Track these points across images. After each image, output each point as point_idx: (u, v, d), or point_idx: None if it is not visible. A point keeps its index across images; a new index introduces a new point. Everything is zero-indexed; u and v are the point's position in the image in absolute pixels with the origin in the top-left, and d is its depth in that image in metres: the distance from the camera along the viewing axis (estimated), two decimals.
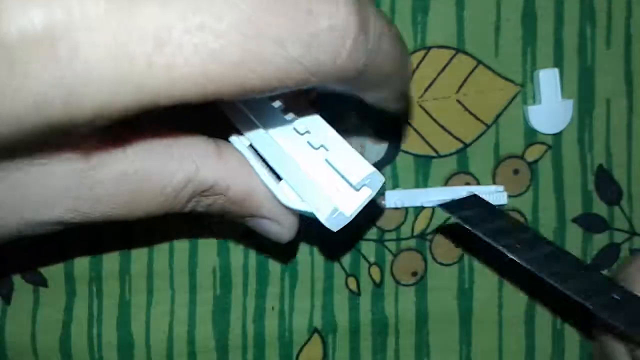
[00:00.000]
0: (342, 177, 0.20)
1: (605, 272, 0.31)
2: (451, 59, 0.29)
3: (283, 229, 0.22)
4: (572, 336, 0.31)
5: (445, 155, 0.30)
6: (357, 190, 0.21)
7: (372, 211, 0.30)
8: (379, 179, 0.21)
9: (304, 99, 0.22)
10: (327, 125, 0.21)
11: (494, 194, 0.30)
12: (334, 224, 0.21)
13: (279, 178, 0.22)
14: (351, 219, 0.21)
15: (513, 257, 0.21)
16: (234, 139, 0.22)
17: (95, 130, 0.16)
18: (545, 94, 0.29)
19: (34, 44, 0.13)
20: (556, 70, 0.29)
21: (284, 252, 0.30)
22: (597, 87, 0.30)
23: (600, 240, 0.31)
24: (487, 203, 0.23)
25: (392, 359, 0.30)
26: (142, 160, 0.19)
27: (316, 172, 0.21)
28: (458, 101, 0.30)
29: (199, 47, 0.14)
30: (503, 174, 0.30)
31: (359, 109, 0.29)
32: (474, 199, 0.24)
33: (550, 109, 0.29)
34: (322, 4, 0.15)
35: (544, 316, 0.31)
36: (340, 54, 0.15)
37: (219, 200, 0.21)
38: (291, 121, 0.21)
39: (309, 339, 0.30)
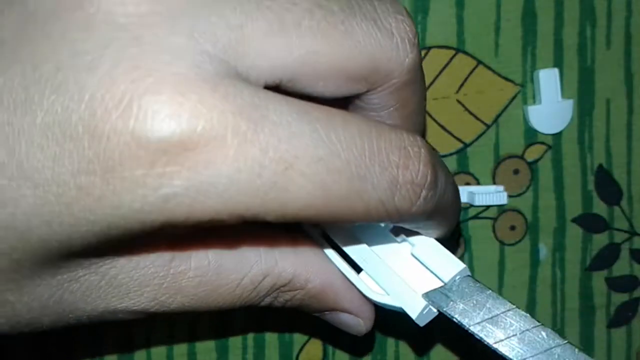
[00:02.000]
0: (432, 272, 0.20)
1: (605, 272, 0.31)
2: (451, 59, 0.29)
3: (362, 321, 0.23)
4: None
5: (445, 155, 0.30)
6: (451, 285, 0.20)
7: None
8: (468, 275, 0.21)
9: None
10: None
11: (494, 194, 0.30)
12: (423, 320, 0.21)
13: (356, 268, 0.21)
14: (437, 313, 0.21)
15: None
16: (307, 227, 0.22)
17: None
18: (545, 94, 0.29)
19: (176, 148, 0.14)
20: (556, 70, 0.29)
21: None
22: (597, 87, 0.30)
23: (600, 240, 0.31)
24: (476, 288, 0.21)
25: (392, 359, 0.30)
26: (222, 253, 0.20)
27: (402, 266, 0.21)
28: (458, 101, 0.30)
29: (315, 177, 0.15)
30: (503, 174, 0.30)
31: None
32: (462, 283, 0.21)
33: (550, 109, 0.29)
34: (408, 159, 0.17)
35: (545, 308, 0.31)
36: (415, 203, 0.17)
37: (298, 295, 0.21)
38: None
39: (309, 339, 0.30)
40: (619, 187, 0.30)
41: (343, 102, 0.20)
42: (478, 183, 0.30)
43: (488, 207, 0.30)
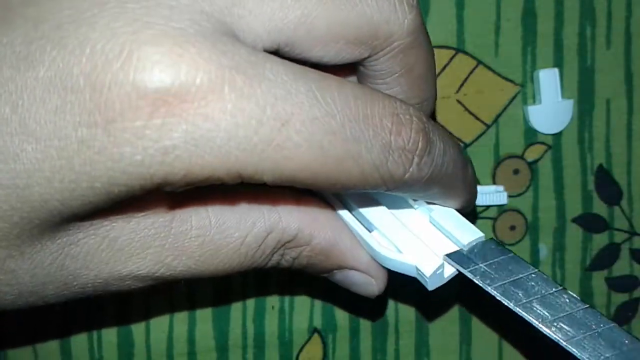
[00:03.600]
0: (449, 237, 0.20)
1: (605, 272, 0.31)
2: (451, 59, 0.29)
3: (372, 280, 0.22)
4: None
5: None
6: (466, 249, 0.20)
7: None
8: (482, 243, 0.20)
9: None
10: None
11: (494, 194, 0.30)
12: (433, 282, 0.20)
13: (367, 228, 0.21)
14: (448, 280, 0.21)
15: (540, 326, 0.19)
16: None
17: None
18: (545, 94, 0.29)
19: (175, 99, 0.14)
20: (556, 70, 0.29)
21: None
22: (597, 87, 0.30)
23: (600, 240, 0.31)
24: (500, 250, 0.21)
25: (392, 359, 0.30)
26: (223, 211, 0.20)
27: (419, 229, 0.21)
28: (458, 101, 0.30)
29: (311, 137, 0.15)
30: (503, 174, 0.30)
31: None
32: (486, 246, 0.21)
33: (550, 109, 0.29)
34: (400, 126, 0.17)
35: None
36: (409, 169, 0.17)
37: (304, 252, 0.21)
38: None
39: (309, 339, 0.30)
40: (619, 187, 0.30)
41: (349, 72, 0.20)
42: (478, 183, 0.30)
43: (488, 207, 0.30)
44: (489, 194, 0.29)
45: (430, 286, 0.20)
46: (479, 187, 0.30)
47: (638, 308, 0.31)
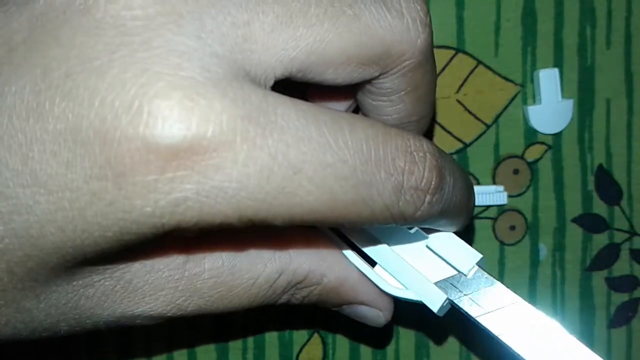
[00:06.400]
0: (450, 264, 0.21)
1: (605, 272, 0.31)
2: (451, 59, 0.29)
3: (380, 313, 0.22)
4: None
5: None
6: (466, 276, 0.21)
7: None
8: (483, 264, 0.21)
9: None
10: None
11: (494, 194, 0.30)
12: (443, 310, 0.21)
13: (370, 262, 0.21)
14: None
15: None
16: None
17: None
18: (545, 94, 0.29)
19: (186, 153, 0.14)
20: (556, 70, 0.29)
21: None
22: (597, 87, 0.30)
23: (600, 240, 0.31)
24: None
25: (392, 359, 0.30)
26: (235, 253, 0.20)
27: (417, 258, 0.21)
28: (458, 101, 0.30)
29: (322, 183, 0.15)
30: (503, 173, 0.30)
31: None
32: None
33: (550, 109, 0.29)
34: (413, 165, 0.17)
35: (545, 308, 0.31)
36: (420, 208, 0.17)
37: (315, 291, 0.21)
38: None
39: (309, 339, 0.30)
40: (619, 187, 0.30)
41: (354, 87, 0.20)
42: (478, 183, 0.30)
43: (488, 207, 0.30)
44: (489, 194, 0.29)
45: (441, 314, 0.21)
46: (479, 187, 0.30)
47: (638, 308, 0.31)
